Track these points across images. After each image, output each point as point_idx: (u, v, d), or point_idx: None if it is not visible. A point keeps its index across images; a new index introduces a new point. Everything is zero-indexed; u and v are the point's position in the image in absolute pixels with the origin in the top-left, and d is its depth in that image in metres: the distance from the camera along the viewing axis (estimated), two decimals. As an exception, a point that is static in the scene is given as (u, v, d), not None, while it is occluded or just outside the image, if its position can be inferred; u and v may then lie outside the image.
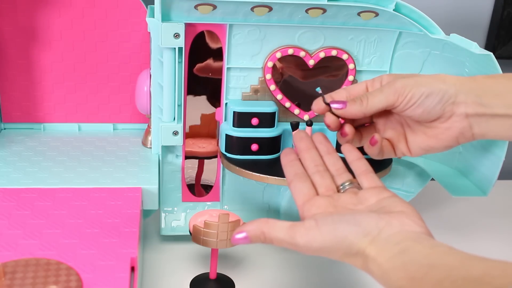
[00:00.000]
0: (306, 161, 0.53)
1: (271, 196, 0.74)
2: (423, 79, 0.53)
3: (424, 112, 0.53)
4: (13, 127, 0.79)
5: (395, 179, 0.76)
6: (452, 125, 0.53)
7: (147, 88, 0.71)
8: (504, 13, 0.93)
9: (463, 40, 0.63)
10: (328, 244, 0.44)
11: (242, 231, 0.47)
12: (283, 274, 0.69)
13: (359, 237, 0.43)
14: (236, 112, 0.66)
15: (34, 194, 0.61)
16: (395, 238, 0.42)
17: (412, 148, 0.56)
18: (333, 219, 0.45)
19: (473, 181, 0.67)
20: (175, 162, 0.71)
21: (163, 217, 0.72)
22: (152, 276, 0.66)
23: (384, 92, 0.53)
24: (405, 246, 0.41)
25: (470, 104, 0.53)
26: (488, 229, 0.82)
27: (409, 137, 0.56)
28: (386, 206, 0.46)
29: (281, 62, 0.67)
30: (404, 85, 0.52)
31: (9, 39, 0.74)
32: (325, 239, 0.44)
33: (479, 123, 0.53)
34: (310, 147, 0.54)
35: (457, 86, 0.53)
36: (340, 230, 0.44)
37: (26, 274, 0.47)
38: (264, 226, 0.46)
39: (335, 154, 0.54)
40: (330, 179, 0.51)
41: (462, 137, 0.54)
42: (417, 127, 0.56)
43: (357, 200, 0.49)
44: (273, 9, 0.62)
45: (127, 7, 0.75)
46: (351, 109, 0.54)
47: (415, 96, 0.52)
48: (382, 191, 0.48)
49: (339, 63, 0.68)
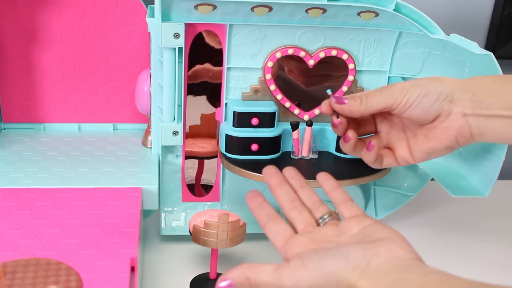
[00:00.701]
0: (280, 197, 0.52)
1: (271, 196, 0.73)
2: (419, 81, 0.55)
3: (422, 111, 0.54)
4: (13, 127, 0.79)
5: (395, 179, 0.76)
6: (451, 123, 0.54)
7: (147, 88, 0.71)
8: (504, 13, 0.93)
9: (463, 40, 0.63)
10: (318, 282, 0.42)
11: (226, 279, 0.44)
12: (283, 274, 0.69)
13: (348, 270, 0.41)
14: (236, 112, 0.66)
15: (34, 194, 0.61)
16: (384, 268, 0.41)
17: (414, 153, 0.57)
18: (319, 255, 0.43)
19: (473, 181, 0.67)
20: (175, 162, 0.71)
21: (163, 217, 0.72)
22: (152, 276, 0.66)
23: (382, 93, 0.54)
24: (396, 278, 0.39)
25: (467, 102, 0.53)
26: (488, 229, 0.82)
27: (411, 143, 0.57)
28: (369, 234, 0.45)
29: (282, 62, 0.67)
30: (402, 87, 0.54)
31: (9, 39, 0.74)
32: (314, 277, 0.42)
33: (477, 123, 0.53)
34: (282, 182, 0.53)
35: (454, 85, 0.54)
36: (328, 266, 0.42)
37: (26, 274, 0.47)
38: (248, 271, 0.44)
39: (309, 187, 0.53)
40: (308, 214, 0.50)
41: (461, 137, 0.55)
42: (419, 131, 0.56)
43: (339, 231, 0.47)
44: (273, 9, 0.62)
45: (127, 7, 0.75)
46: (350, 106, 0.55)
47: (412, 96, 0.53)
48: (363, 219, 0.47)
49: (339, 63, 0.68)
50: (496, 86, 0.54)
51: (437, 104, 0.53)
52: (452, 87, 0.54)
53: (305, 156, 0.68)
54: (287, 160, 0.68)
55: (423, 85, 0.54)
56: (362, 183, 0.68)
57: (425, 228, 0.82)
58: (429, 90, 0.53)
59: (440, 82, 0.54)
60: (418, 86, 0.54)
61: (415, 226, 0.82)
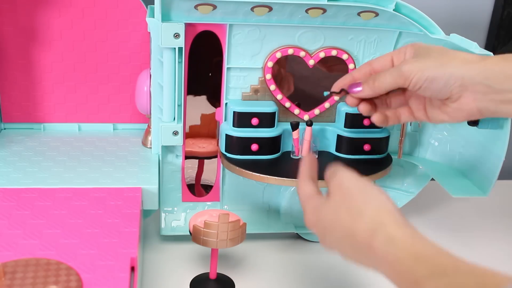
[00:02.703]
0: None
1: (271, 196, 0.74)
2: (429, 63, 0.54)
3: (433, 94, 0.55)
4: (13, 127, 0.79)
5: (395, 179, 0.76)
6: (461, 106, 0.55)
7: (147, 88, 0.71)
8: (504, 13, 0.93)
9: (463, 40, 0.63)
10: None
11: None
12: (283, 274, 0.69)
13: None
14: (236, 112, 0.66)
15: (34, 194, 0.61)
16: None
17: (430, 118, 0.59)
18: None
19: (473, 181, 0.68)
20: (175, 162, 0.71)
21: (163, 217, 0.72)
22: (152, 276, 0.66)
23: (392, 75, 0.56)
24: None
25: (478, 86, 0.53)
26: (488, 229, 0.82)
27: (428, 108, 0.58)
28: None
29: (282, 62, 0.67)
30: (410, 70, 0.54)
31: (9, 39, 0.74)
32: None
33: (488, 107, 0.54)
34: None
35: (464, 68, 0.53)
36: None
37: (26, 274, 0.47)
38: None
39: None
40: None
41: (472, 116, 0.56)
42: (435, 101, 0.57)
43: None
44: (273, 9, 0.62)
45: (127, 7, 0.75)
46: (364, 93, 0.58)
47: (419, 81, 0.54)
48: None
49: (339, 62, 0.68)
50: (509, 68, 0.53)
51: (446, 88, 0.54)
52: (462, 71, 0.53)
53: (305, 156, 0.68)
54: (287, 160, 0.68)
55: (432, 68, 0.54)
56: (362, 183, 0.68)
57: (425, 228, 0.81)
58: (436, 75, 0.53)
59: (450, 65, 0.54)
60: (426, 70, 0.54)
61: (415, 226, 0.82)
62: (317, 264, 0.71)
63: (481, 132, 0.66)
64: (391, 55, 0.59)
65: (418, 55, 0.56)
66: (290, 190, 0.72)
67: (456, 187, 0.67)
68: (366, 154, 0.69)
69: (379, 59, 0.59)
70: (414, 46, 0.57)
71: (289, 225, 0.74)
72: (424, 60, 0.55)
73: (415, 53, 0.57)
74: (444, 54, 0.56)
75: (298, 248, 0.74)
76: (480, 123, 0.62)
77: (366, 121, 0.68)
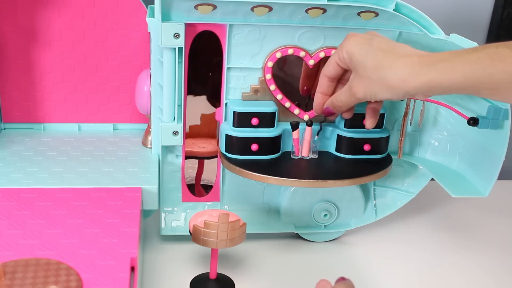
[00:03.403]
0: None
1: (271, 196, 0.74)
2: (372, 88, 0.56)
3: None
4: (13, 127, 0.79)
5: (395, 179, 0.76)
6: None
7: (147, 88, 0.71)
8: (504, 13, 0.93)
9: (463, 40, 0.63)
10: None
11: None
12: (283, 274, 0.69)
13: None
14: (236, 112, 0.66)
15: (34, 194, 0.61)
16: None
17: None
18: None
19: (473, 181, 0.67)
20: (175, 162, 0.71)
21: (163, 217, 0.72)
22: (152, 276, 0.66)
23: (346, 96, 0.60)
24: None
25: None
26: (488, 229, 0.82)
27: None
28: None
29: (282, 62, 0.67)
30: (357, 91, 0.58)
31: (9, 39, 0.74)
32: None
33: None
34: None
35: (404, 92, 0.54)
36: None
37: (26, 274, 0.47)
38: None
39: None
40: None
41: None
42: None
43: None
44: (273, 9, 0.62)
45: (127, 7, 0.75)
46: (335, 115, 0.64)
47: (368, 98, 0.57)
48: None
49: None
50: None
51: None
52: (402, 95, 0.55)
53: (305, 156, 0.68)
54: (287, 160, 0.68)
55: (374, 95, 0.56)
56: (362, 183, 0.68)
57: (425, 228, 0.82)
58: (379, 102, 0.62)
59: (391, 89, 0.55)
60: (369, 95, 0.57)
61: (415, 226, 0.82)
62: (317, 264, 0.71)
63: (481, 132, 0.66)
64: (335, 62, 0.60)
65: (356, 71, 0.58)
66: (290, 190, 0.72)
67: (456, 187, 0.67)
68: (366, 154, 0.69)
69: (330, 68, 0.61)
70: (350, 55, 0.58)
71: (289, 225, 0.74)
72: (361, 78, 0.57)
73: (353, 67, 0.58)
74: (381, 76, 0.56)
75: (298, 248, 0.74)
76: (480, 123, 0.62)
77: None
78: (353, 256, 0.73)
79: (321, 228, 0.75)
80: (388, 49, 0.55)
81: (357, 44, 0.57)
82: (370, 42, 0.57)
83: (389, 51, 0.55)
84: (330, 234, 0.76)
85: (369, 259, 0.73)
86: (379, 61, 0.55)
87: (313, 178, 0.64)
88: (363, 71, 0.56)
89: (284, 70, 0.70)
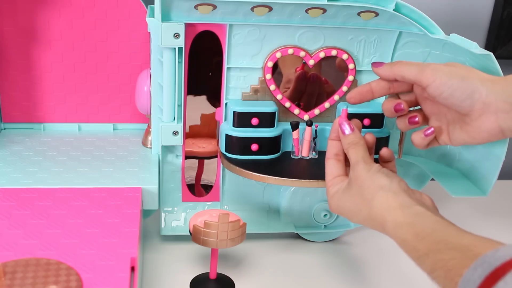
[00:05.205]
0: None
1: (271, 196, 0.74)
2: (457, 70, 0.54)
3: (454, 103, 0.54)
4: (13, 127, 0.79)
5: (395, 179, 0.76)
6: (482, 125, 0.54)
7: (147, 88, 0.71)
8: (504, 13, 0.93)
9: (463, 40, 0.63)
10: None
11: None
12: (283, 274, 0.69)
13: None
14: (236, 112, 0.66)
15: (34, 194, 0.61)
16: None
17: (451, 139, 0.58)
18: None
19: (473, 181, 0.67)
20: (175, 162, 0.71)
21: (163, 217, 0.72)
22: (152, 276, 0.66)
23: (414, 68, 0.56)
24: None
25: (501, 104, 0.52)
26: (488, 229, 0.82)
27: (450, 128, 0.58)
28: None
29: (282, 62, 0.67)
30: (436, 69, 0.55)
31: (9, 39, 0.75)
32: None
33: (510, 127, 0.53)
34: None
35: (488, 85, 0.53)
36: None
37: (26, 274, 0.47)
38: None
39: None
40: None
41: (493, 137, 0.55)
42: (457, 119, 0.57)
43: None
44: (273, 9, 0.62)
45: (127, 7, 0.75)
46: (383, 70, 0.59)
47: (443, 86, 0.54)
48: None
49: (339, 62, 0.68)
50: None
51: (468, 101, 0.53)
52: (486, 88, 0.52)
53: (305, 156, 0.68)
54: (287, 160, 0.68)
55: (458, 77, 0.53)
56: (362, 183, 0.68)
57: (425, 228, 0.81)
58: (462, 85, 0.53)
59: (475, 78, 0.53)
60: (452, 76, 0.54)
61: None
62: (317, 264, 0.71)
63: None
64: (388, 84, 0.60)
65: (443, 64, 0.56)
66: (290, 190, 0.72)
67: (456, 187, 0.67)
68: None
69: (379, 82, 0.60)
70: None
71: (289, 225, 0.74)
72: (452, 66, 0.55)
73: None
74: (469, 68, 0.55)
75: (298, 248, 0.74)
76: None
77: (366, 121, 0.68)
78: (353, 256, 0.73)
79: (321, 228, 0.75)
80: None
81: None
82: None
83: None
84: (330, 234, 0.76)
85: (369, 259, 0.73)
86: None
87: (313, 178, 0.64)
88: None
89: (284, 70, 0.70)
